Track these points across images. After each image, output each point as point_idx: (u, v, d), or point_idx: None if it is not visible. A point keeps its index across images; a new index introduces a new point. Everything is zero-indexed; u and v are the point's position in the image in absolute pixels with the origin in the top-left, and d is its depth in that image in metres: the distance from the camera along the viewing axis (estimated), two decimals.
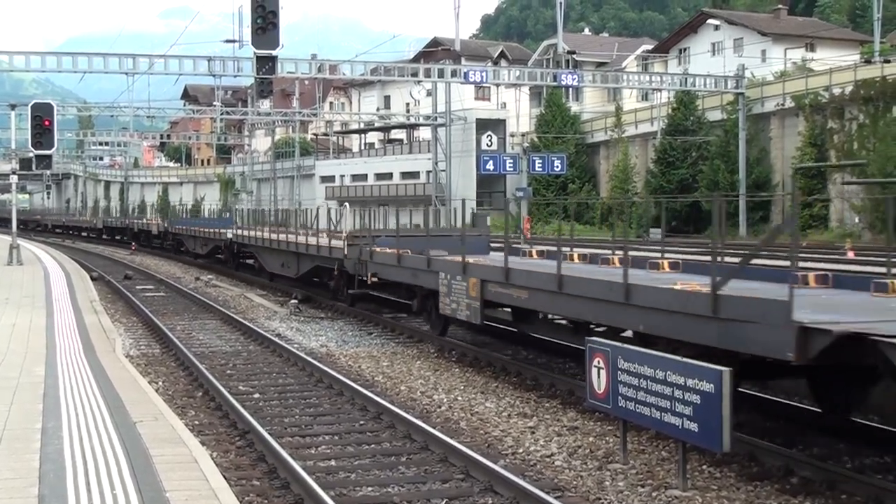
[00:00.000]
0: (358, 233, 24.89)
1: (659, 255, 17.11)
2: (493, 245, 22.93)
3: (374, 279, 22.10)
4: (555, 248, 16.65)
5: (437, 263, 18.45)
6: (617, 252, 16.62)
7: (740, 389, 11.69)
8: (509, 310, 17.19)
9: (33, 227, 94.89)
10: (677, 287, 11.57)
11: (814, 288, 12.70)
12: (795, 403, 12.77)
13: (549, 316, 16.35)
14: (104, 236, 74.12)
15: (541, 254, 19.58)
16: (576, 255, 17.77)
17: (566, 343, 16.66)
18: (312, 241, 28.04)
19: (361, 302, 25.36)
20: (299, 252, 29.02)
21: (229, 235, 39.49)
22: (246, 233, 37.94)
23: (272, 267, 33.26)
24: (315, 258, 27.49)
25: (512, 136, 68.16)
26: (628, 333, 12.81)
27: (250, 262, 38.40)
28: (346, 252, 23.75)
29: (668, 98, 59.09)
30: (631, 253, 13.95)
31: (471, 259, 17.40)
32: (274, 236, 32.35)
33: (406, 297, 21.96)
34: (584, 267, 16.46)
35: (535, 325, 17.05)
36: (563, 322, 16.13)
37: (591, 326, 14.17)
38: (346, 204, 37.97)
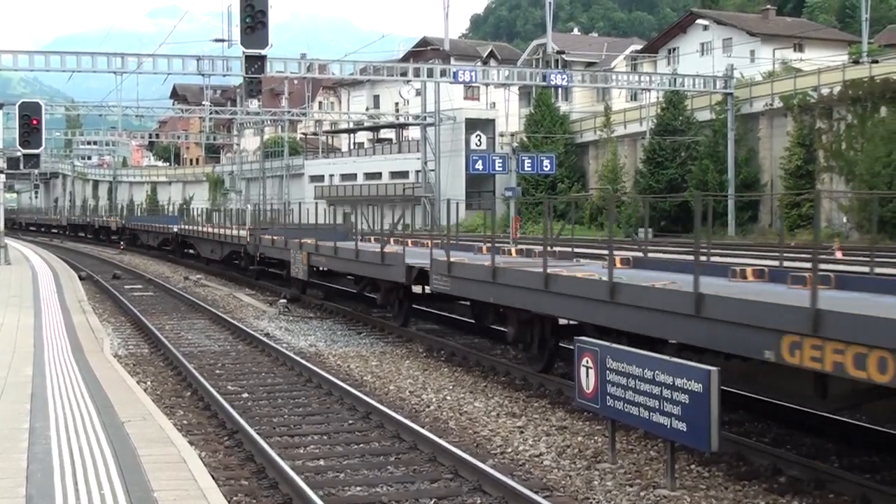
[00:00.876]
0: (255, 225, 35.25)
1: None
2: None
3: (263, 257, 31.53)
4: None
5: (290, 244, 27.31)
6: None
7: (730, 389, 11.75)
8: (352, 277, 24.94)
9: (10, 225, 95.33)
10: (375, 250, 20.39)
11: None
12: (785, 403, 12.79)
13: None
14: (68, 232, 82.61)
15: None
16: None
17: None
18: (228, 232, 36.86)
19: (264, 276, 33.11)
20: (222, 241, 37.55)
21: (175, 229, 48.19)
22: (188, 227, 46.89)
23: (205, 253, 41.41)
24: (231, 245, 35.80)
25: (501, 135, 68.16)
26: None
27: (191, 251, 45.81)
28: (248, 239, 32.91)
29: (657, 98, 59.17)
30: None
31: (308, 240, 26.00)
32: (205, 229, 41.91)
33: (280, 269, 30.05)
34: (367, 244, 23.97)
35: (361, 285, 24.07)
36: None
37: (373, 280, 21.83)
38: (249, 205, 49.55)
